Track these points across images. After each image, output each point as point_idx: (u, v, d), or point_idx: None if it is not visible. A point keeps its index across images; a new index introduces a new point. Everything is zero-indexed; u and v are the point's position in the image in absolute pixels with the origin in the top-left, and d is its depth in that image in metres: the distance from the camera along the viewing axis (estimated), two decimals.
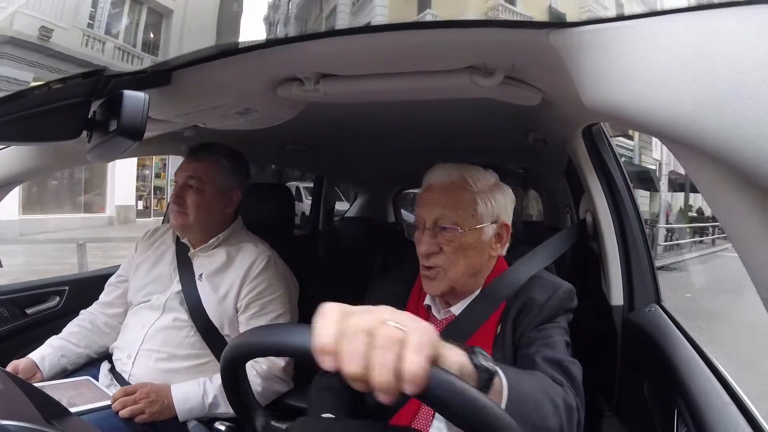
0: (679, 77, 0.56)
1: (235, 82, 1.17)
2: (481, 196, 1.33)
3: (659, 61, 0.58)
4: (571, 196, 2.44)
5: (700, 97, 0.54)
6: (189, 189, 1.87)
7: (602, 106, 0.71)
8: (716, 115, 0.52)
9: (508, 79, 1.04)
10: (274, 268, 1.94)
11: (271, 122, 1.46)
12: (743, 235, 0.60)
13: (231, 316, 1.87)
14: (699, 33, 0.54)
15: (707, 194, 0.65)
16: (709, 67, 0.52)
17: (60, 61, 0.99)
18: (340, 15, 0.84)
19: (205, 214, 1.90)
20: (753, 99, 0.48)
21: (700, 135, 0.55)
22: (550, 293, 1.31)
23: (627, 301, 1.72)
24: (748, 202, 0.57)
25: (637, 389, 1.50)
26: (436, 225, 1.31)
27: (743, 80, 0.49)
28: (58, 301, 2.28)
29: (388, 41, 0.91)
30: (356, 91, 1.14)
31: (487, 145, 2.50)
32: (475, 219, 1.31)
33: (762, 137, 0.48)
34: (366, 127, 2.16)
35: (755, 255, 0.60)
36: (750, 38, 0.49)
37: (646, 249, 1.79)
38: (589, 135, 1.78)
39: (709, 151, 0.57)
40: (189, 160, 1.91)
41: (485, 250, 1.36)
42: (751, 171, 0.52)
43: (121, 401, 1.61)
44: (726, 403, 1.09)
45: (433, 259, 1.32)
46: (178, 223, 1.88)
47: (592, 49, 0.69)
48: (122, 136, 0.94)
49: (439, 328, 1.36)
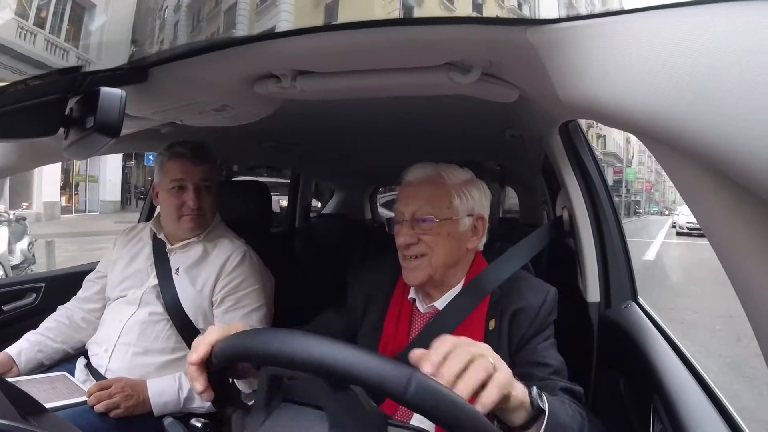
0: (657, 74, 0.55)
1: (212, 79, 1.15)
2: (455, 190, 1.39)
3: (637, 57, 0.58)
4: (548, 193, 2.45)
5: (677, 93, 0.53)
6: (203, 191, 1.92)
7: (579, 103, 0.71)
8: (694, 112, 0.52)
9: (486, 76, 1.03)
10: (249, 263, 1.96)
11: (247, 119, 1.45)
12: (720, 233, 0.60)
13: (206, 310, 1.88)
14: (677, 30, 0.54)
15: (684, 192, 0.64)
16: (687, 64, 0.52)
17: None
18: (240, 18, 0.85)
19: (215, 212, 2.00)
20: (731, 96, 0.48)
21: (677, 132, 0.55)
22: (543, 296, 1.38)
23: (603, 298, 1.73)
24: (725, 200, 0.57)
25: (614, 386, 1.51)
26: (414, 217, 1.37)
27: (721, 77, 0.49)
28: (34, 298, 2.27)
29: (365, 38, 0.90)
30: (333, 88, 1.13)
31: (465, 141, 2.50)
32: (451, 211, 1.38)
33: (739, 134, 0.48)
34: (343, 124, 2.15)
35: (733, 253, 0.60)
36: (728, 35, 0.49)
37: (622, 245, 1.81)
38: (566, 131, 1.79)
39: (686, 149, 0.56)
40: (195, 162, 1.91)
41: (462, 242, 1.41)
42: (729, 169, 0.52)
43: (96, 396, 1.61)
44: (701, 400, 1.10)
45: (413, 249, 1.38)
46: (197, 225, 1.93)
47: (570, 45, 0.68)
48: (99, 133, 0.93)
49: (423, 321, 1.43)
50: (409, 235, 1.37)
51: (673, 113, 0.54)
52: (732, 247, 0.59)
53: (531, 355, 1.31)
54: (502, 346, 1.32)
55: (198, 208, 1.89)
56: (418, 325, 1.43)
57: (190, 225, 1.91)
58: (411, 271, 1.39)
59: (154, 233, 2.00)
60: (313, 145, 2.78)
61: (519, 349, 1.33)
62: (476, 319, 1.36)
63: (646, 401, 1.23)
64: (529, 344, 1.33)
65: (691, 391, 1.14)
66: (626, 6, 0.62)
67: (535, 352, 1.32)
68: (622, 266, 1.78)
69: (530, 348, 1.33)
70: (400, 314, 1.44)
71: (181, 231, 1.95)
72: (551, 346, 1.35)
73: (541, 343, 1.33)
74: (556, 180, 1.94)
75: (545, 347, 1.33)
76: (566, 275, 1.96)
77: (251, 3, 0.84)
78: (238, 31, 0.88)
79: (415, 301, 1.47)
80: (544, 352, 1.32)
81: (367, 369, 0.78)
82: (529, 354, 1.32)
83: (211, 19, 0.90)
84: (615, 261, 1.76)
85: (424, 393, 0.76)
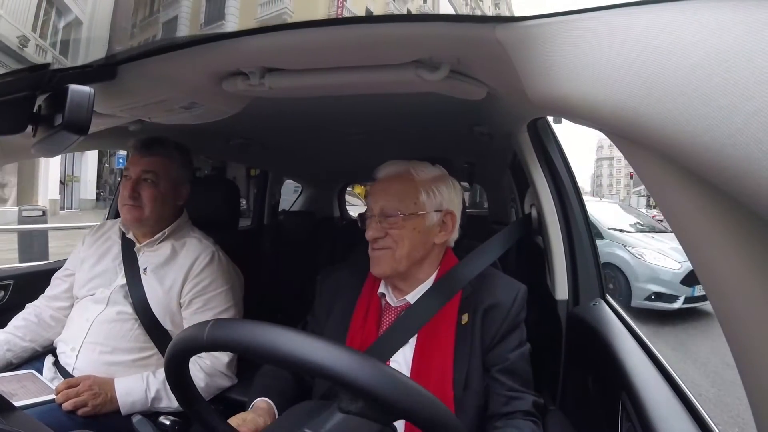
0: (625, 71, 0.55)
1: (180, 77, 1.15)
2: (423, 186, 1.43)
3: (604, 55, 0.58)
4: (516, 191, 2.46)
5: (645, 91, 0.53)
6: (143, 183, 1.88)
7: (547, 100, 0.71)
8: (662, 109, 0.52)
9: (454, 74, 1.04)
10: (218, 264, 1.95)
11: (216, 117, 1.45)
12: (689, 231, 0.60)
13: (174, 311, 1.87)
14: (645, 28, 0.54)
15: (653, 190, 0.65)
16: (655, 62, 0.52)
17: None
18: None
19: (160, 207, 1.91)
20: (698, 93, 0.48)
21: (645, 129, 0.55)
22: (514, 294, 1.43)
23: (572, 296, 1.75)
24: (694, 199, 0.57)
25: (582, 383, 1.53)
26: (382, 212, 1.42)
27: (689, 75, 0.49)
28: (2, 296, 2.24)
29: (333, 35, 0.90)
30: (302, 85, 1.13)
31: (433, 138, 2.51)
32: (417, 206, 1.41)
33: (707, 132, 0.48)
34: (312, 121, 2.13)
35: (701, 250, 0.60)
36: (695, 33, 0.49)
37: (591, 243, 1.82)
38: (535, 129, 1.80)
39: (654, 146, 0.56)
40: (142, 154, 1.90)
41: (429, 236, 1.45)
42: (696, 166, 0.52)
43: (64, 393, 1.59)
44: (669, 398, 1.11)
45: (380, 243, 1.42)
46: (133, 217, 1.88)
47: (538, 43, 0.69)
48: (67, 130, 0.92)
49: (394, 314, 1.46)
50: (376, 230, 1.41)
51: (640, 110, 0.54)
52: (700, 245, 0.59)
53: (503, 362, 1.37)
54: (475, 342, 1.37)
55: (132, 198, 1.86)
56: (389, 319, 1.45)
57: (127, 216, 1.89)
58: (374, 261, 1.44)
59: (122, 232, 1.98)
60: (282, 142, 2.76)
61: (492, 347, 1.38)
62: (448, 314, 1.39)
63: (614, 399, 1.24)
64: (502, 345, 1.38)
65: (658, 388, 1.15)
66: (594, 4, 0.62)
67: (507, 360, 1.37)
68: (591, 264, 1.79)
69: (503, 351, 1.38)
70: (369, 308, 1.47)
71: (124, 221, 1.94)
72: (523, 357, 1.39)
73: (514, 351, 1.38)
74: (525, 178, 1.95)
75: (519, 357, 1.38)
76: (535, 272, 1.98)
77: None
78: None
79: (384, 296, 1.50)
80: (519, 362, 1.38)
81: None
82: (502, 360, 1.37)
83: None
84: (583, 259, 1.78)
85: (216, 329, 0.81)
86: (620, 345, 1.37)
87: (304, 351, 0.76)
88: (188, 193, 2.04)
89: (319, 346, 0.76)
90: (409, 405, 0.76)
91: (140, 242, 1.94)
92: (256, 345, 0.78)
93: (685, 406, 1.08)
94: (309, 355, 0.75)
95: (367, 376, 0.74)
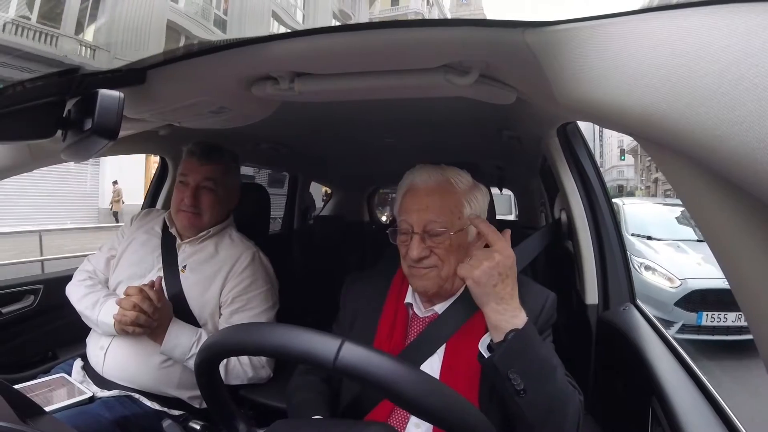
0: (654, 76, 0.55)
1: (210, 81, 1.16)
2: (465, 197, 1.33)
3: (633, 59, 0.58)
4: (546, 195, 2.45)
5: (674, 95, 0.53)
6: (203, 190, 1.93)
7: (577, 105, 0.71)
8: (690, 114, 0.52)
9: (483, 78, 1.03)
10: (259, 264, 1.98)
11: (245, 121, 1.46)
12: (718, 233, 0.60)
13: (213, 309, 1.88)
14: (673, 32, 0.54)
15: (682, 194, 0.64)
16: (684, 66, 0.52)
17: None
18: None
19: (218, 214, 1.99)
20: (728, 98, 0.48)
21: (674, 134, 0.55)
22: (543, 301, 1.34)
23: (602, 300, 1.73)
24: (722, 201, 0.56)
25: (612, 388, 1.51)
26: (426, 230, 1.30)
27: (718, 79, 0.49)
28: (33, 300, 2.26)
29: (363, 40, 0.90)
30: (331, 89, 1.13)
31: (462, 143, 2.50)
32: (462, 221, 1.31)
33: (736, 136, 0.48)
34: (341, 126, 2.15)
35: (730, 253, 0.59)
36: (725, 37, 0.49)
37: (620, 248, 1.80)
38: (564, 134, 1.79)
39: (683, 151, 0.56)
40: (201, 162, 1.94)
41: (470, 249, 1.33)
42: (725, 170, 0.52)
43: (135, 298, 1.64)
44: (699, 403, 1.10)
45: (425, 262, 1.31)
46: (191, 224, 1.93)
47: (567, 47, 0.69)
48: (97, 135, 0.92)
49: (422, 325, 1.37)
50: (422, 249, 1.29)
51: (668, 115, 0.54)
52: (729, 248, 0.59)
53: None
54: None
55: (193, 206, 1.91)
56: (416, 329, 1.38)
57: (184, 222, 1.93)
58: (420, 279, 1.33)
59: (165, 226, 2.02)
60: (311, 146, 2.78)
61: None
62: (477, 323, 1.31)
63: (644, 404, 1.23)
64: None
65: (689, 393, 1.14)
66: (623, 8, 0.62)
67: None
68: (621, 269, 1.78)
69: None
70: (396, 318, 1.40)
71: (179, 226, 1.97)
72: (551, 345, 1.31)
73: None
74: (554, 182, 1.94)
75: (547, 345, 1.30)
76: (564, 277, 1.97)
77: None
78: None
79: (411, 306, 1.42)
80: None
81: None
82: None
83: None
84: (613, 263, 1.76)
85: (351, 357, 0.78)
86: (650, 350, 1.35)
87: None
88: (239, 198, 2.10)
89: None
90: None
91: (182, 239, 1.97)
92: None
93: (716, 412, 1.07)
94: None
95: None
